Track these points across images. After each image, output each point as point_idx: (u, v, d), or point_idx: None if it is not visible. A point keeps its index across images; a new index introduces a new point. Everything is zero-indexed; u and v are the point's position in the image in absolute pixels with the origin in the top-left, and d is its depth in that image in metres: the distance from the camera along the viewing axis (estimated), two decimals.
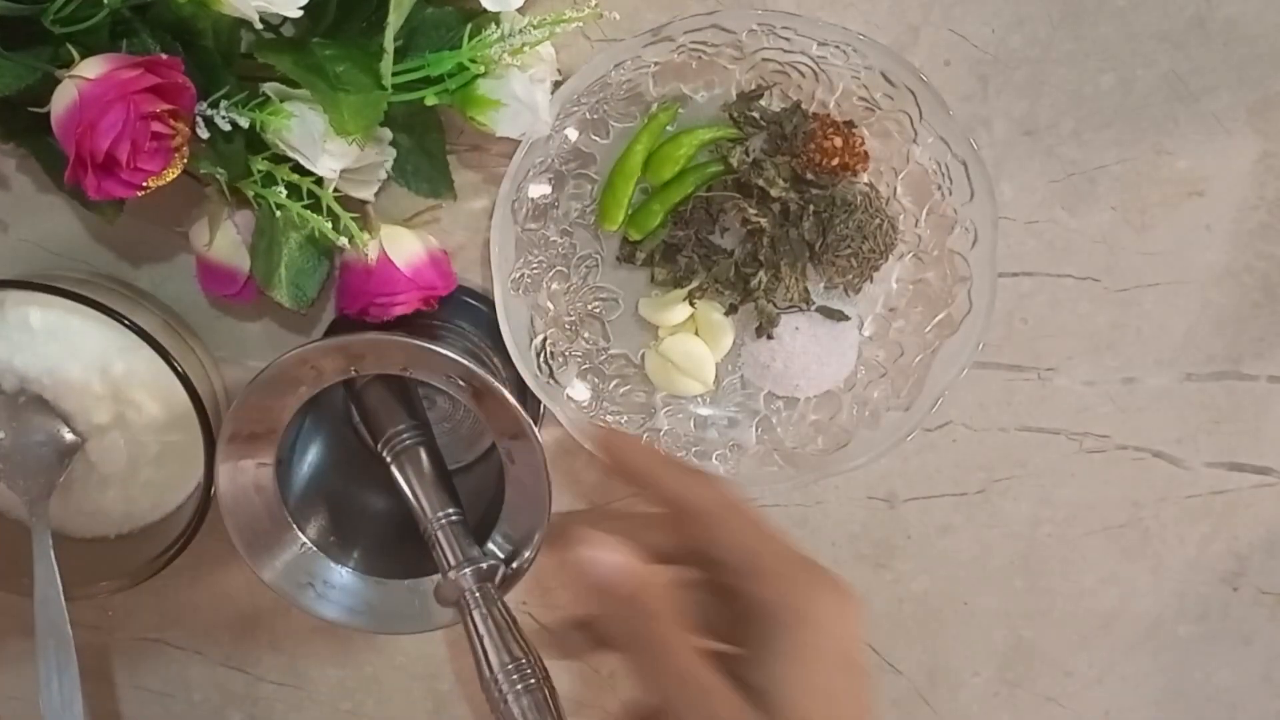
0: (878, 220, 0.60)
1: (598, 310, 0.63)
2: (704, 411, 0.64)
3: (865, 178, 0.61)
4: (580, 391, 0.62)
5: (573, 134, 0.60)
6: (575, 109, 0.59)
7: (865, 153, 0.60)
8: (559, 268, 0.62)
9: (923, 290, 0.62)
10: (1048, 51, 0.63)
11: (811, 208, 0.60)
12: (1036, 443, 0.68)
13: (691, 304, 0.62)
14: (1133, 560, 0.70)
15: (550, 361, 0.62)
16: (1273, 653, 0.72)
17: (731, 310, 0.62)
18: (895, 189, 0.61)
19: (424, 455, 0.59)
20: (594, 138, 0.61)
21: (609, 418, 0.63)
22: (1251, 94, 0.63)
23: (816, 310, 0.62)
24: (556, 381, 0.61)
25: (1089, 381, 0.67)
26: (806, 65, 0.59)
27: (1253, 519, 0.70)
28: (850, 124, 0.60)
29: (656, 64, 0.59)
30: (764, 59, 0.59)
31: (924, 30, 0.62)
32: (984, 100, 0.63)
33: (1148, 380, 0.68)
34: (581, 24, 0.52)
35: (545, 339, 0.61)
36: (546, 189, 0.60)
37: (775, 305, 0.62)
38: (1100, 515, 0.70)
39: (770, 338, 0.62)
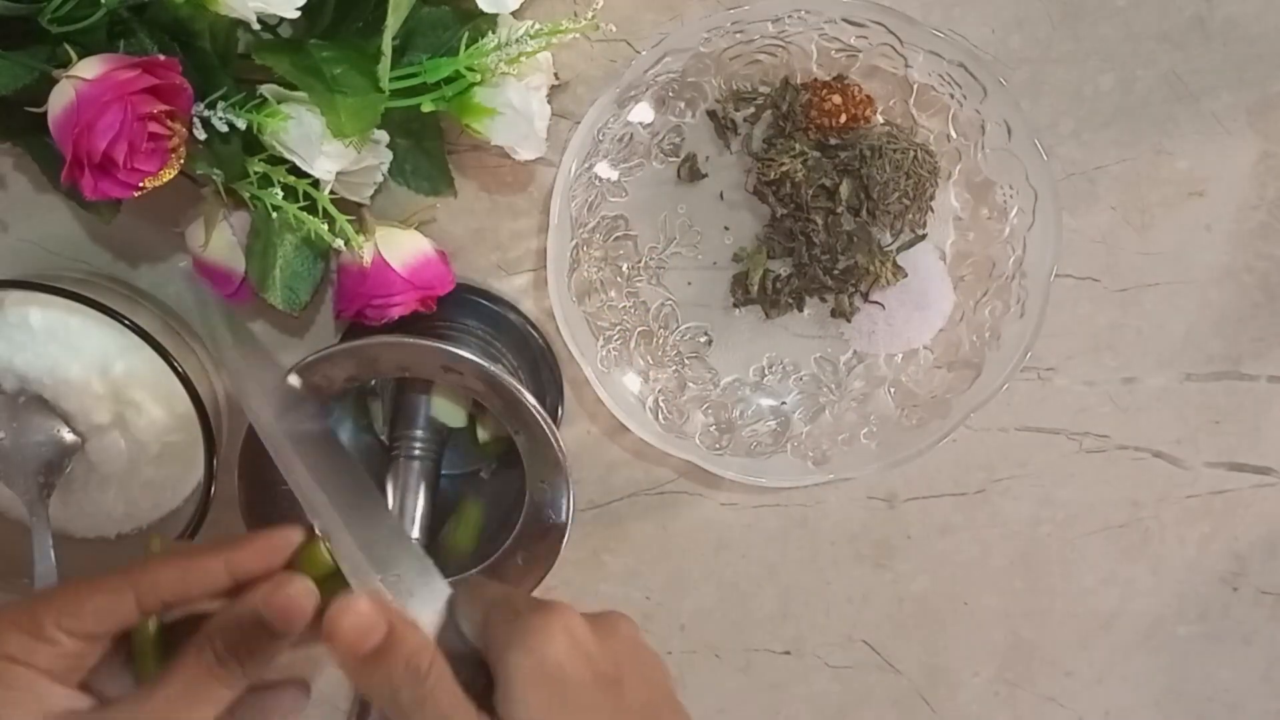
0: (911, 153, 0.60)
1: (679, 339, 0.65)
2: (833, 398, 0.65)
3: (880, 119, 0.61)
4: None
5: (590, 212, 0.61)
6: (574, 199, 0.59)
7: (867, 97, 0.60)
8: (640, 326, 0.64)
9: (983, 195, 0.62)
10: (1048, 51, 0.63)
11: (844, 171, 0.60)
12: (1036, 443, 0.68)
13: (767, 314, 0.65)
14: (1133, 560, 0.70)
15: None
16: (1273, 653, 0.72)
17: (840, 314, 0.64)
18: (913, 116, 0.61)
19: (418, 470, 0.59)
20: (613, 199, 0.62)
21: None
22: (1251, 94, 0.63)
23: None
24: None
25: (1089, 381, 0.67)
26: (772, 46, 0.59)
27: (1253, 519, 0.70)
28: (840, 77, 0.60)
29: (633, 123, 0.60)
30: (730, 58, 0.60)
31: None
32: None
33: (1148, 380, 0.67)
34: (578, 34, 0.52)
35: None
36: (595, 270, 0.62)
37: (867, 288, 0.63)
38: (1100, 515, 0.69)
39: (848, 316, 0.63)
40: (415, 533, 0.57)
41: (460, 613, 0.43)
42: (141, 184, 0.48)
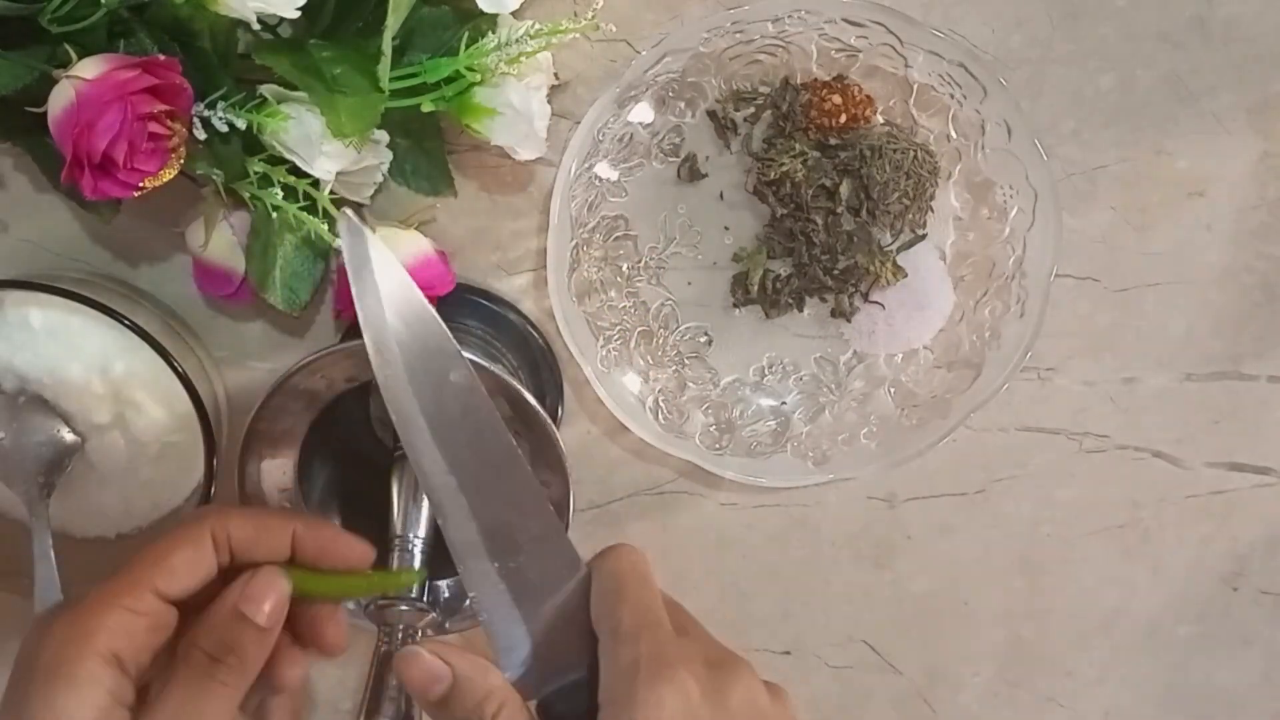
0: (911, 153, 0.60)
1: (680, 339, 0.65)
2: (833, 398, 0.65)
3: (880, 119, 0.61)
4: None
5: (590, 212, 0.61)
6: (574, 199, 0.59)
7: (867, 97, 0.60)
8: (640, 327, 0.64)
9: (983, 195, 0.62)
10: (1048, 51, 0.63)
11: (844, 171, 0.60)
12: (1036, 443, 0.68)
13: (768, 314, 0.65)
14: (1133, 560, 0.70)
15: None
16: (1273, 653, 0.72)
17: (840, 314, 0.64)
18: (913, 116, 0.61)
19: None
20: (613, 199, 0.62)
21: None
22: (1251, 94, 0.63)
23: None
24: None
25: (1089, 381, 0.67)
26: (772, 46, 0.59)
27: (1253, 519, 0.70)
28: (840, 77, 0.60)
29: (633, 123, 0.60)
30: (730, 58, 0.60)
31: None
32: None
33: (1148, 380, 0.67)
34: (578, 34, 0.52)
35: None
36: (595, 270, 0.62)
37: (867, 288, 0.63)
38: (1100, 515, 0.69)
39: (847, 316, 0.63)
40: (420, 532, 0.57)
41: (592, 603, 0.42)
42: (141, 184, 0.48)
